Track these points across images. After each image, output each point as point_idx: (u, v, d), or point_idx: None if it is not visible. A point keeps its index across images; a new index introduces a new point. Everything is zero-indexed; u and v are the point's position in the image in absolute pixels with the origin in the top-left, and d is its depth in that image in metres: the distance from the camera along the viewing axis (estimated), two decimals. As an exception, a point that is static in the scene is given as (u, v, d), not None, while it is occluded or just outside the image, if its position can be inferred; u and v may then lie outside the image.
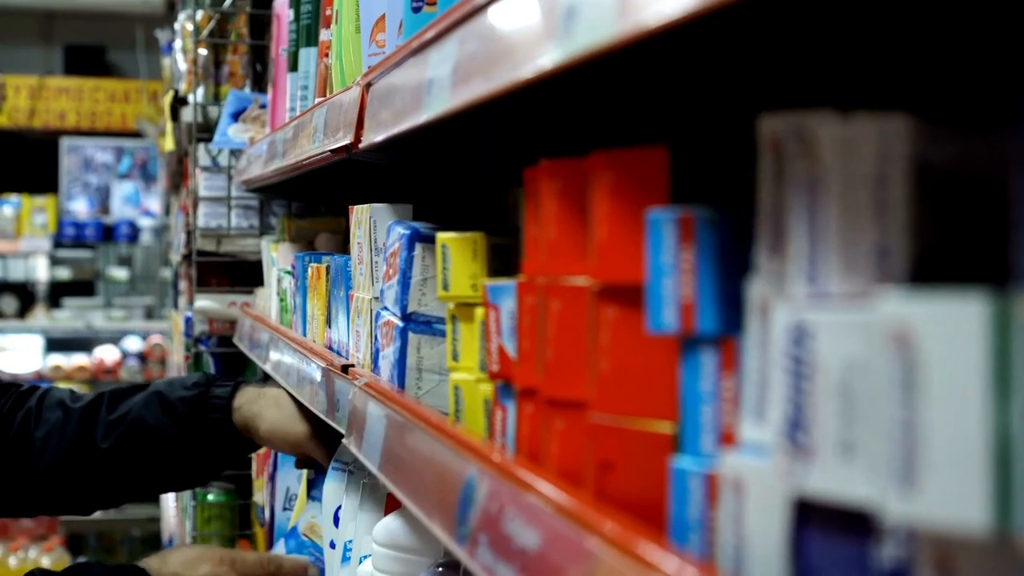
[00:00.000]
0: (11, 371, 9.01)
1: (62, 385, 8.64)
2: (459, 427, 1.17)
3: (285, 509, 2.68)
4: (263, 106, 3.11)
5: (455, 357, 1.32)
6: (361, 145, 1.54)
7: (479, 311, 1.21)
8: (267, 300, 2.87)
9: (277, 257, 2.79)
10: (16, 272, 9.18)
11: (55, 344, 9.24)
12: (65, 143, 9.60)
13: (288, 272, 2.50)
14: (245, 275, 3.31)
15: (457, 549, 1.02)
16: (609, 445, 0.84)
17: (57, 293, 9.30)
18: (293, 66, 2.61)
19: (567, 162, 0.92)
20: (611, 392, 0.84)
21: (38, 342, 9.17)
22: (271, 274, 2.92)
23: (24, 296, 9.18)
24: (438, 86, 1.14)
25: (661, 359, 0.82)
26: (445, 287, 1.32)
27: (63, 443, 2.15)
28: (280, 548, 2.18)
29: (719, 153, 0.98)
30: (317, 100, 2.18)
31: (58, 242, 9.35)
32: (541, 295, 0.94)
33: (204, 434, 2.13)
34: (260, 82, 3.29)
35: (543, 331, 0.94)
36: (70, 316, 9.11)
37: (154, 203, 9.56)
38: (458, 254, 1.30)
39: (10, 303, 9.09)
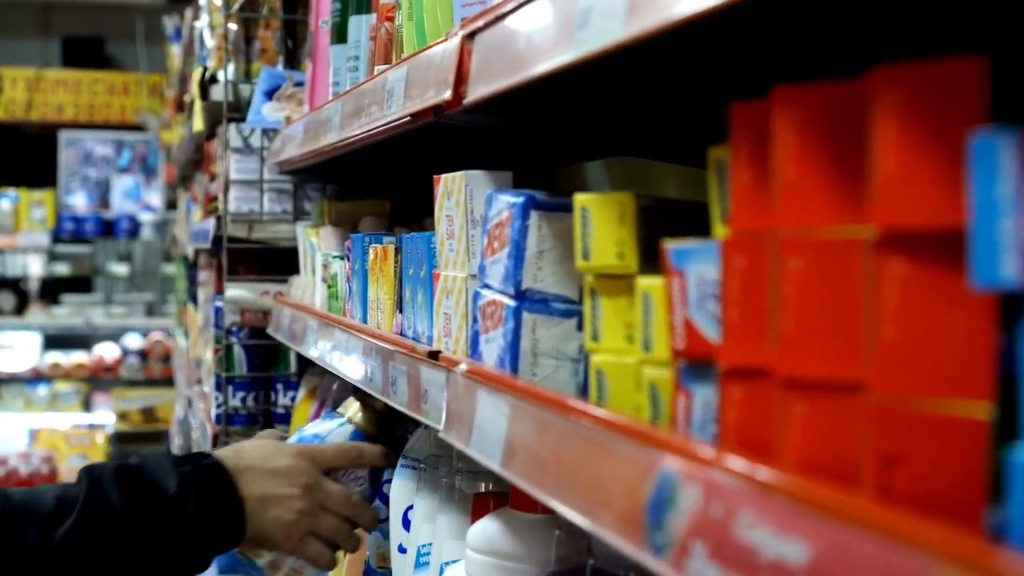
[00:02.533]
0: (9, 369, 8.83)
1: (61, 384, 8.49)
2: (629, 417, 0.99)
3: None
4: (298, 83, 2.94)
5: (595, 337, 1.15)
6: (466, 101, 1.37)
7: (641, 282, 1.04)
8: (307, 288, 2.70)
9: (318, 242, 2.62)
10: (14, 268, 9.00)
11: (53, 341, 9.06)
12: (64, 136, 9.42)
13: (339, 256, 2.33)
14: (273, 263, 3.13)
15: (651, 559, 0.85)
16: (898, 434, 0.67)
17: (56, 289, 9.12)
18: (339, 37, 2.44)
19: (817, 87, 0.75)
20: (899, 368, 0.67)
21: (36, 339, 8.98)
22: (308, 260, 2.75)
23: (22, 292, 8.99)
24: (600, 14, 0.97)
25: (971, 323, 0.65)
26: (585, 256, 1.14)
27: None
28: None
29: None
30: (379, 67, 2.01)
31: (57, 237, 9.17)
32: (774, 253, 0.77)
33: None
34: (293, 59, 3.11)
35: (777, 297, 0.77)
36: (69, 313, 8.94)
37: (155, 197, 9.38)
38: (601, 218, 1.12)
39: (8, 299, 8.91)
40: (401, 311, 1.83)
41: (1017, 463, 0.60)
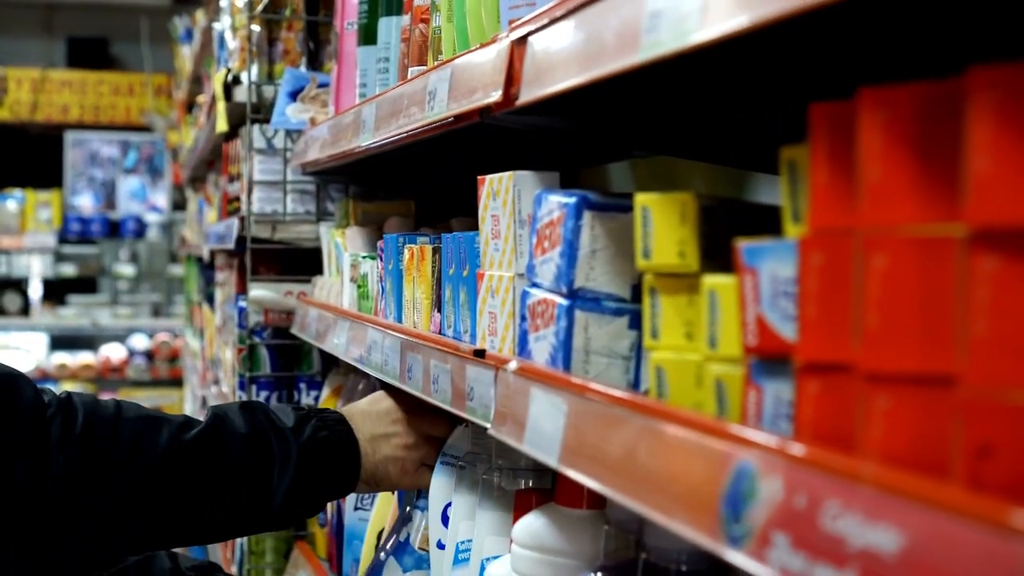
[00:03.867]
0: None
1: (68, 384, 8.51)
2: (704, 413, 1.02)
3: (357, 508, 2.52)
4: (321, 85, 2.96)
5: (654, 335, 1.17)
6: (518, 102, 1.39)
7: (707, 280, 1.06)
8: (331, 288, 2.72)
9: (344, 243, 2.63)
10: (20, 269, 9.01)
11: (60, 342, 9.08)
12: (70, 137, 9.44)
13: (369, 256, 2.35)
14: (295, 263, 3.15)
15: (728, 550, 0.87)
16: (989, 426, 0.69)
17: (62, 290, 9.14)
18: (366, 39, 2.46)
19: (904, 89, 0.77)
20: (991, 361, 0.69)
21: (43, 340, 9.00)
22: (333, 261, 2.76)
23: (28, 293, 9.01)
24: (671, 19, 0.99)
25: (1062, 320, 0.67)
26: (645, 255, 1.16)
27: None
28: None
29: None
30: (414, 69, 2.03)
31: (63, 238, 9.19)
32: (858, 250, 0.79)
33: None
34: (315, 60, 3.13)
35: (860, 294, 0.79)
36: (75, 313, 8.96)
37: (161, 198, 9.40)
38: (662, 217, 1.15)
39: (14, 300, 8.93)
40: (439, 310, 1.84)
41: (1116, 453, 0.63)
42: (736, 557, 0.86)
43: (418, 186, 2.90)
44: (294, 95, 2.95)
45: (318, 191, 3.10)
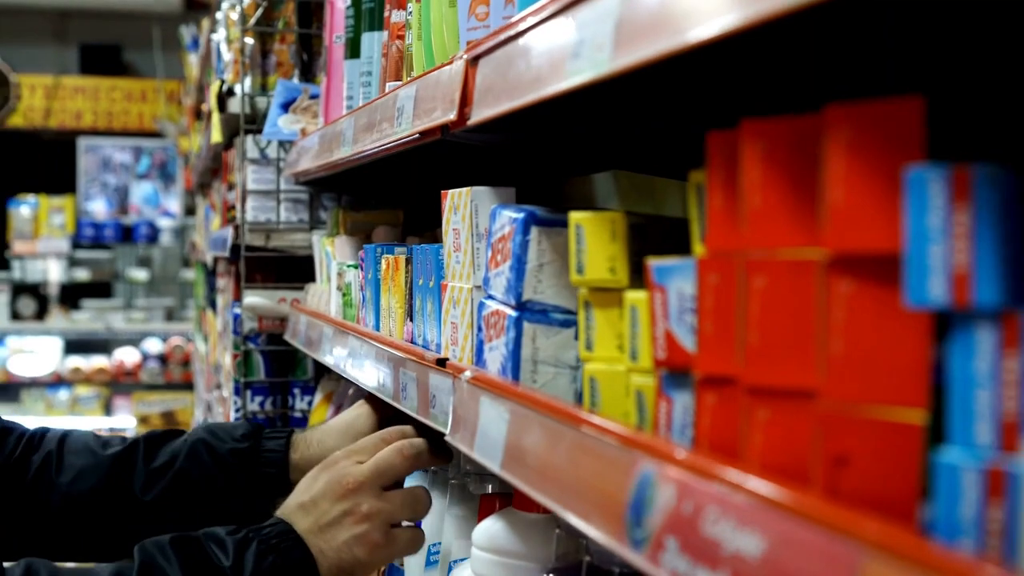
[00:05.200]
0: (30, 373, 8.94)
1: (82, 388, 8.59)
2: (619, 422, 1.07)
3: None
4: (313, 96, 3.02)
5: (589, 347, 1.23)
6: (469, 122, 1.45)
7: (629, 295, 1.11)
8: (322, 296, 2.78)
9: (333, 251, 2.69)
10: (35, 273, 9.10)
11: (74, 346, 9.17)
12: (83, 143, 9.53)
13: (352, 266, 2.41)
14: (290, 270, 3.21)
15: (631, 554, 0.93)
16: (844, 437, 0.75)
17: (76, 294, 9.22)
18: (352, 53, 2.52)
19: (778, 121, 0.82)
20: (846, 377, 0.75)
21: (57, 344, 9.09)
22: (324, 269, 2.82)
23: (42, 297, 9.10)
24: (591, 47, 1.05)
25: (908, 339, 0.72)
26: (579, 271, 1.22)
27: (96, 491, 2.01)
28: None
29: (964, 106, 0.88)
30: (391, 84, 2.09)
31: (77, 243, 9.28)
32: (740, 271, 0.85)
33: (257, 488, 2.00)
34: (308, 72, 3.20)
35: (743, 312, 0.84)
36: (89, 318, 9.04)
37: (173, 203, 9.49)
38: (594, 235, 1.20)
39: (28, 305, 9.02)
40: (412, 320, 1.90)
41: (942, 464, 0.68)
42: (637, 560, 0.92)
43: (409, 195, 2.95)
44: (286, 106, 3.01)
45: (311, 200, 3.16)
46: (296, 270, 3.17)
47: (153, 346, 9.07)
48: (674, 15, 0.91)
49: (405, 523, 1.72)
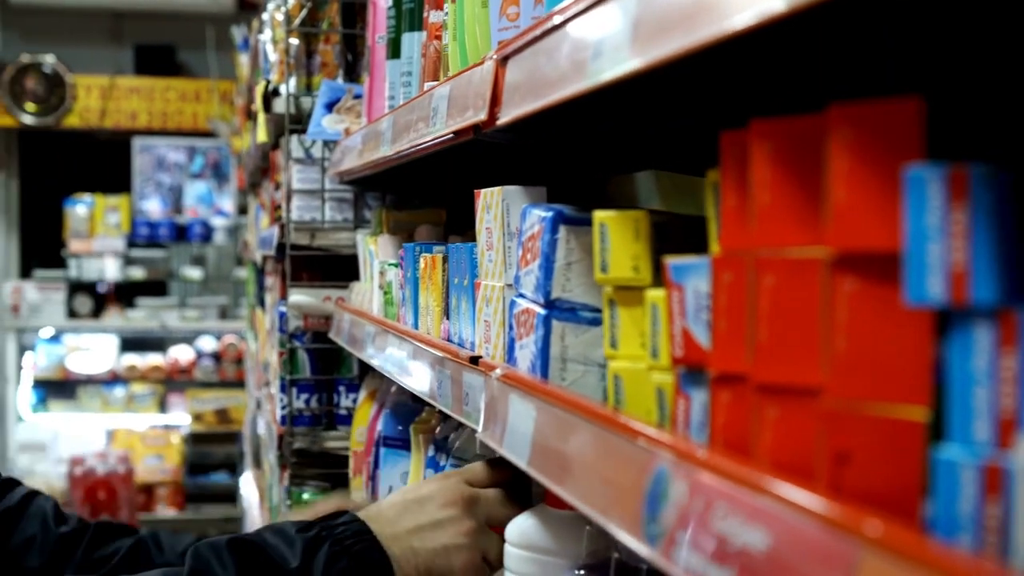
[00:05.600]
0: (87, 371, 9.05)
1: (137, 385, 8.68)
2: (637, 419, 1.08)
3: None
4: (357, 96, 3.04)
5: (613, 344, 1.23)
6: (499, 122, 1.46)
7: (649, 294, 1.12)
8: (365, 294, 2.80)
9: (376, 250, 2.72)
10: (90, 272, 9.20)
11: (130, 344, 9.27)
12: (138, 143, 9.62)
13: (393, 264, 2.43)
14: (337, 269, 3.24)
15: (646, 549, 0.94)
16: (847, 434, 0.75)
17: (131, 293, 9.32)
18: (393, 53, 2.54)
19: (785, 121, 0.83)
20: (849, 375, 0.75)
21: (113, 341, 9.20)
22: (367, 267, 2.85)
23: (98, 296, 9.20)
24: (611, 47, 1.06)
25: (910, 337, 0.73)
26: (603, 269, 1.23)
27: (35, 563, 1.97)
28: None
29: (965, 106, 0.88)
30: (428, 84, 2.10)
31: (132, 242, 9.37)
32: (751, 270, 0.85)
33: None
34: (352, 72, 3.22)
35: (753, 310, 0.85)
36: (144, 316, 9.13)
37: (227, 202, 9.56)
38: (618, 234, 1.21)
39: (85, 303, 9.12)
40: (448, 318, 1.92)
41: (941, 461, 0.68)
42: (652, 555, 0.92)
43: (452, 194, 2.97)
44: (330, 106, 3.04)
45: (356, 199, 3.18)
46: (341, 269, 3.20)
47: (207, 344, 9.15)
48: (691, 14, 0.91)
49: None
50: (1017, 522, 0.63)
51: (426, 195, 3.04)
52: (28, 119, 9.28)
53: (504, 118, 1.45)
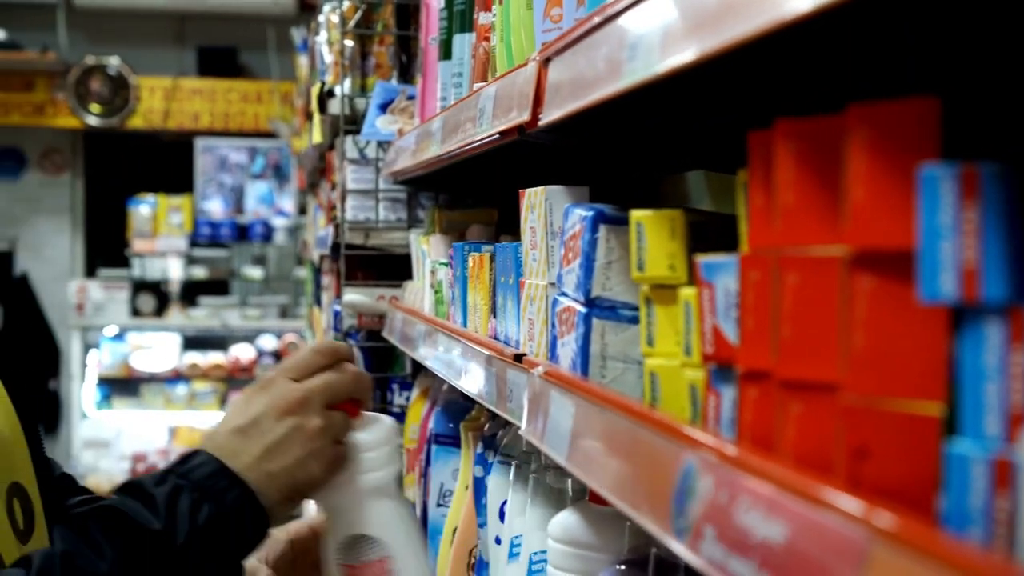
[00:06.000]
0: (151, 369, 9.16)
1: (199, 383, 8.78)
2: (669, 414, 1.09)
3: (439, 505, 2.63)
4: (411, 97, 3.07)
5: (650, 342, 1.25)
6: (540, 123, 1.48)
7: (683, 292, 1.14)
8: (418, 293, 2.83)
9: (428, 249, 2.74)
10: (153, 271, 9.31)
11: (192, 342, 9.38)
12: (200, 143, 9.73)
13: (444, 264, 2.45)
14: (391, 268, 3.27)
15: (675, 543, 0.95)
16: (865, 429, 0.76)
17: (193, 292, 9.43)
18: (445, 54, 2.56)
19: (809, 121, 0.84)
20: (867, 371, 0.76)
21: (175, 340, 9.31)
22: (421, 267, 2.88)
23: (161, 295, 9.31)
24: (644, 49, 1.07)
25: (926, 333, 0.74)
26: (640, 267, 1.25)
27: None
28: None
29: (982, 106, 0.89)
30: (478, 84, 2.13)
31: (194, 241, 9.48)
32: (775, 268, 0.87)
33: None
34: (406, 73, 3.25)
35: (777, 308, 0.86)
36: (206, 315, 9.24)
37: (287, 203, 9.65)
38: (654, 233, 1.23)
39: (148, 302, 9.24)
40: (495, 316, 1.94)
41: (953, 455, 0.70)
42: (680, 548, 0.94)
43: (504, 193, 2.99)
44: (384, 107, 3.07)
45: (409, 199, 3.21)
46: (395, 268, 3.23)
47: (268, 343, 9.24)
48: (719, 14, 0.93)
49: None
50: (1021, 514, 0.64)
51: (478, 195, 3.06)
52: (93, 120, 9.41)
53: (546, 119, 1.47)
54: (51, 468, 1.68)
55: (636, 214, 1.25)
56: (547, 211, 1.61)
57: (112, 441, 9.11)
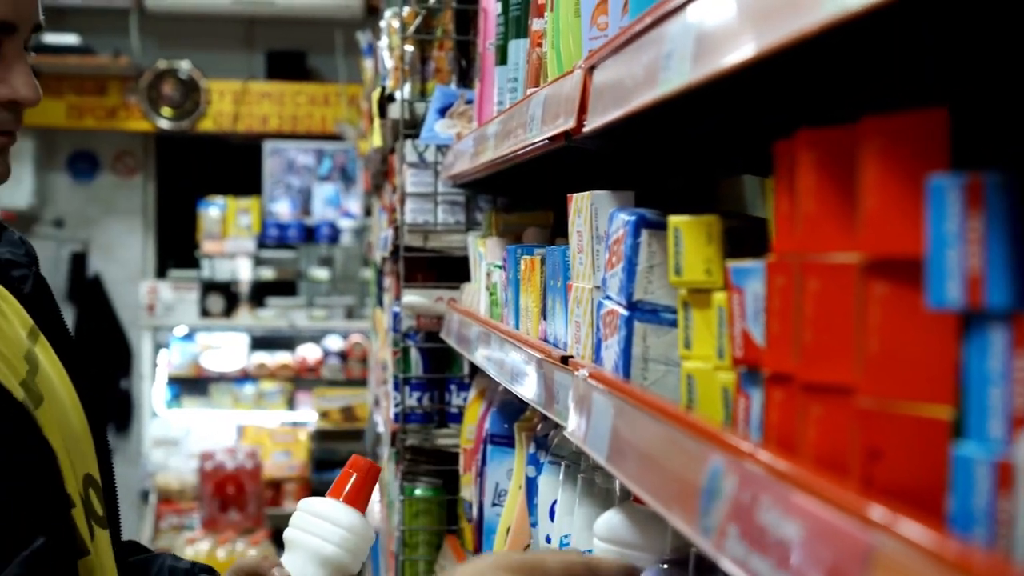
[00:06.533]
0: (219, 368, 9.28)
1: (266, 383, 8.88)
2: (699, 416, 1.12)
3: (494, 505, 2.67)
4: (469, 101, 3.11)
5: (687, 345, 1.27)
6: (585, 129, 1.51)
7: (717, 296, 1.16)
8: (474, 295, 2.87)
9: (485, 252, 2.78)
10: (222, 272, 9.42)
11: (259, 342, 9.48)
12: (268, 146, 9.83)
13: (498, 266, 2.49)
14: (451, 270, 3.31)
15: (701, 541, 0.98)
16: (878, 432, 0.79)
17: (261, 293, 9.53)
18: (501, 59, 2.60)
19: (828, 131, 0.86)
20: (880, 375, 0.79)
21: (244, 340, 9.41)
22: (478, 269, 2.91)
23: (230, 295, 9.42)
24: (677, 57, 1.10)
25: (937, 338, 0.76)
26: (677, 272, 1.27)
27: None
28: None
29: (992, 116, 0.91)
30: (530, 90, 2.15)
31: (262, 243, 9.58)
32: (797, 274, 0.89)
33: None
34: (466, 77, 3.29)
35: (799, 312, 0.89)
36: (274, 315, 9.33)
37: (354, 204, 9.72)
38: (691, 238, 1.25)
39: (217, 302, 9.35)
40: (545, 318, 1.97)
41: (959, 457, 0.72)
42: (706, 547, 0.96)
43: (560, 196, 3.02)
44: (443, 111, 3.11)
45: (467, 202, 3.25)
46: (454, 270, 3.26)
47: (334, 343, 9.32)
48: (747, 24, 0.95)
49: None
50: (1020, 514, 0.66)
51: (536, 197, 3.09)
52: (164, 124, 9.54)
53: (591, 125, 1.49)
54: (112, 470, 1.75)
55: (674, 219, 1.27)
56: (593, 215, 1.63)
57: (181, 440, 9.23)
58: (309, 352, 9.35)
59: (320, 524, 1.84)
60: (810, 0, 0.77)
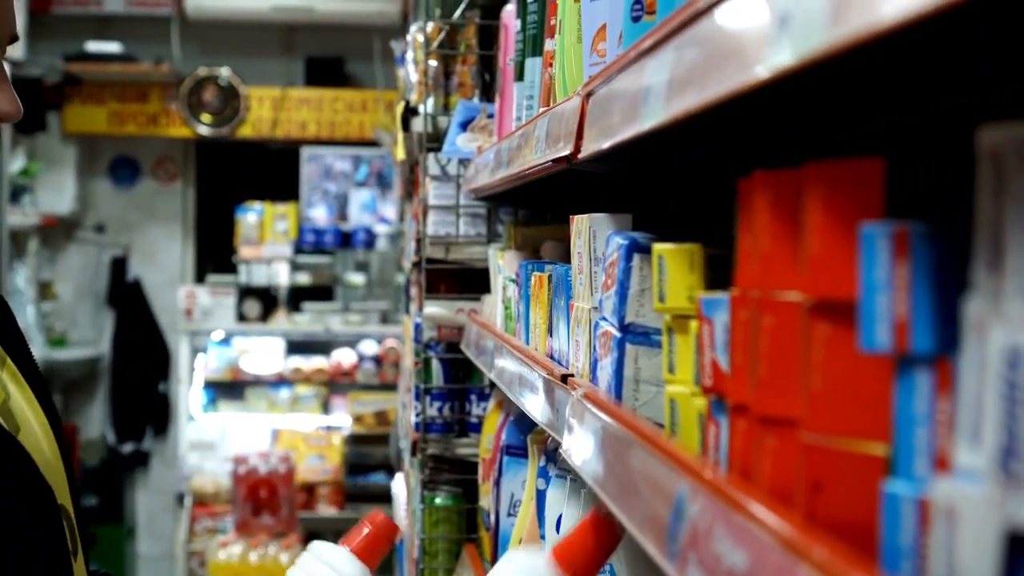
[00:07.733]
0: (255, 372, 9.36)
1: (302, 387, 8.95)
2: (672, 441, 1.15)
3: (509, 515, 2.71)
4: (491, 116, 3.15)
5: (671, 369, 1.31)
6: (580, 156, 1.54)
7: (693, 324, 1.19)
8: (493, 307, 2.90)
9: (503, 265, 2.81)
10: (259, 277, 9.50)
11: (295, 347, 9.55)
12: (305, 152, 9.90)
13: (512, 280, 2.52)
14: (473, 282, 3.35)
15: (667, 566, 1.01)
16: (819, 465, 0.82)
17: (298, 297, 9.60)
18: (519, 76, 2.63)
19: (779, 173, 0.90)
20: (822, 411, 0.82)
21: (280, 344, 9.49)
22: (497, 281, 2.95)
23: (267, 300, 9.50)
24: (654, 95, 1.13)
25: (875, 378, 0.79)
26: (661, 299, 1.30)
27: None
28: None
29: (934, 165, 0.94)
30: (540, 110, 2.19)
31: (299, 248, 9.65)
32: (754, 309, 0.92)
33: None
34: (489, 92, 3.33)
35: (755, 346, 0.92)
36: (309, 320, 9.40)
37: (390, 210, 9.78)
38: (674, 265, 1.28)
39: (253, 307, 9.42)
40: (551, 335, 2.00)
41: (887, 494, 0.75)
42: (671, 572, 1.00)
43: (580, 210, 3.05)
44: (465, 125, 3.15)
45: (489, 215, 3.29)
46: (476, 282, 3.30)
47: (369, 348, 9.38)
48: (714, 67, 0.98)
49: None
50: (939, 551, 0.69)
51: (555, 210, 3.13)
52: (204, 130, 9.64)
53: (585, 152, 1.53)
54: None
55: (657, 247, 1.31)
56: (591, 238, 1.67)
57: (217, 443, 9.31)
58: (344, 356, 9.41)
59: (325, 572, 1.82)
60: (747, 57, 0.80)
